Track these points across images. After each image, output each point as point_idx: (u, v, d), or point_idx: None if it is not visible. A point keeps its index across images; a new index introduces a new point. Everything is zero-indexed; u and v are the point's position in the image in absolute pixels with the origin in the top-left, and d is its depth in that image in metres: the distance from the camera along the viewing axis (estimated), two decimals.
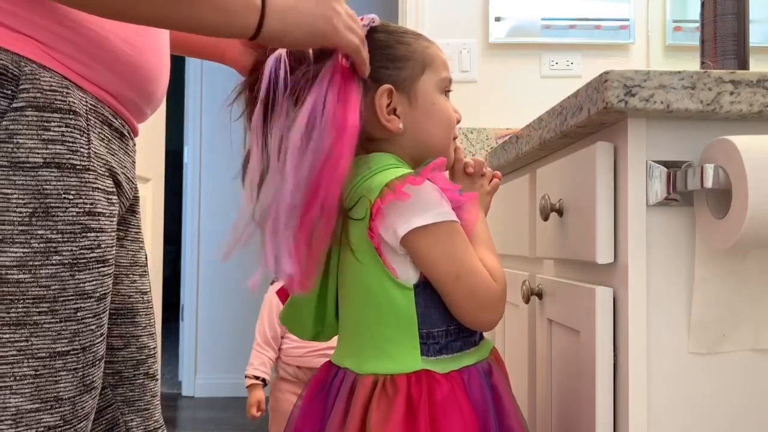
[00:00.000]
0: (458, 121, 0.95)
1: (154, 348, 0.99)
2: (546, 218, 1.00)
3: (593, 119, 0.84)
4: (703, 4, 1.25)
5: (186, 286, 4.15)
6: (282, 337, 2.10)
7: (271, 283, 1.91)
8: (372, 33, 0.88)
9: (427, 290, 0.84)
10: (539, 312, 1.12)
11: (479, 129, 2.25)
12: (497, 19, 2.28)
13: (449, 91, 0.94)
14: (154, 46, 0.88)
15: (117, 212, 0.84)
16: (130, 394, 0.95)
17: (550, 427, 1.07)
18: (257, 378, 2.07)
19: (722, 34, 1.21)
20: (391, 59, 0.89)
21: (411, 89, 0.90)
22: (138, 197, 0.98)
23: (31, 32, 0.75)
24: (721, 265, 0.79)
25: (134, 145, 0.93)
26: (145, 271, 1.00)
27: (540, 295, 1.11)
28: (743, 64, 1.21)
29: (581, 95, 0.86)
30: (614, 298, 0.84)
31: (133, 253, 0.97)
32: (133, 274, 0.96)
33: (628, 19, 2.28)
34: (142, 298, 0.97)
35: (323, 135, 0.80)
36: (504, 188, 1.39)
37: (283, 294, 0.96)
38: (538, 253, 1.15)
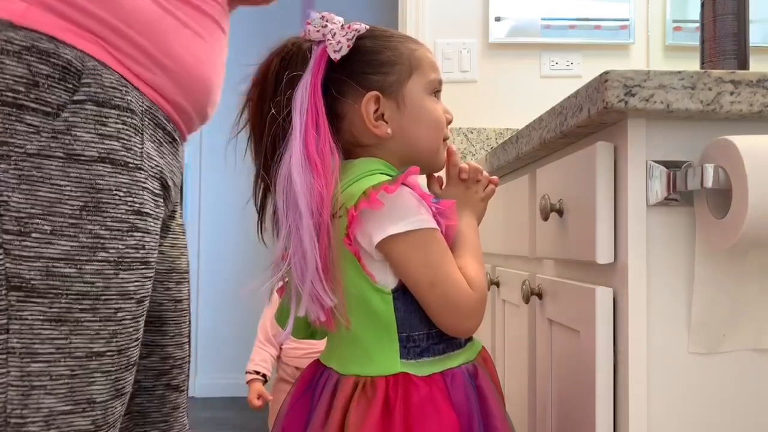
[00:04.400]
0: (449, 122, 0.95)
1: (181, 358, 0.96)
2: (546, 218, 1.00)
3: (593, 119, 0.84)
4: (703, 4, 1.25)
5: None
6: None
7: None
8: (359, 40, 0.88)
9: (406, 294, 0.84)
10: (539, 312, 1.12)
11: (479, 129, 2.25)
12: (497, 19, 2.28)
13: (439, 91, 0.94)
14: (213, 60, 0.88)
15: (162, 215, 0.83)
16: (147, 404, 0.92)
17: (550, 427, 1.07)
18: (257, 373, 2.08)
19: (722, 34, 1.21)
20: (377, 65, 0.90)
21: (398, 94, 0.90)
22: (178, 203, 0.96)
23: (96, 30, 0.75)
24: (721, 265, 0.79)
25: (183, 151, 0.93)
26: (184, 278, 0.97)
27: (540, 295, 1.11)
28: (743, 64, 1.21)
29: (581, 95, 0.86)
30: (614, 298, 0.84)
31: (172, 259, 0.95)
32: (169, 281, 0.94)
33: (628, 19, 2.28)
34: (175, 306, 0.95)
35: (308, 179, 0.82)
36: (504, 188, 1.39)
37: (282, 292, 0.96)
38: (538, 253, 1.15)
